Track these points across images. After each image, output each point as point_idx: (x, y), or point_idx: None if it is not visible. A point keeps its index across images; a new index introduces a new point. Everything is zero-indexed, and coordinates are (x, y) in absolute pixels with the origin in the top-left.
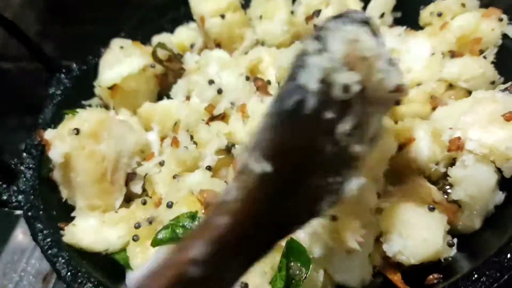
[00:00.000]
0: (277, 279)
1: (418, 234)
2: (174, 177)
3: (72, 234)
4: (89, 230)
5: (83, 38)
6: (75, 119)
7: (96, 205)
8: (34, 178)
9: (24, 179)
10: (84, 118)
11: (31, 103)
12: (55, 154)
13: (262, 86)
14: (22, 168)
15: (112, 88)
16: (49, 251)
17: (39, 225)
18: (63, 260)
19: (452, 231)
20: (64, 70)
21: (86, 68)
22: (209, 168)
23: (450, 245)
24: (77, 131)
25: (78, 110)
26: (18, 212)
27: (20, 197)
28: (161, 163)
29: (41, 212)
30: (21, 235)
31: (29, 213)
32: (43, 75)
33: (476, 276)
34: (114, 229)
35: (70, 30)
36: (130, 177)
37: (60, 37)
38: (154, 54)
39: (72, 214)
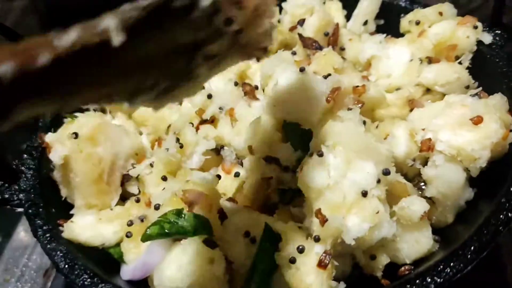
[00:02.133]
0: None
1: (409, 236)
2: (162, 178)
3: (70, 230)
4: (87, 226)
5: None
6: (74, 124)
7: (93, 204)
8: (34, 177)
9: (25, 178)
10: (82, 122)
11: None
12: (55, 156)
13: (249, 91)
14: (23, 168)
15: None
16: (48, 246)
17: (39, 221)
18: (61, 254)
19: None
20: None
21: None
22: None
23: (436, 241)
24: (76, 135)
25: (77, 114)
26: (20, 209)
27: (21, 195)
28: (151, 165)
29: (41, 210)
30: (23, 232)
31: (30, 211)
32: None
33: (441, 267)
34: (109, 226)
35: None
36: (126, 178)
37: None
38: None
39: (71, 212)
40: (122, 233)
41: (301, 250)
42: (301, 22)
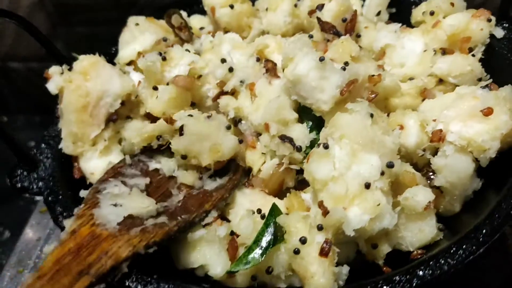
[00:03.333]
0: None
1: (413, 225)
2: (154, 88)
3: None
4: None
5: (91, 39)
6: (77, 61)
7: (73, 132)
8: (52, 166)
9: (44, 167)
10: (81, 59)
11: (40, 103)
12: (51, 86)
13: (271, 68)
14: (41, 157)
15: (129, 64)
16: None
17: (59, 208)
18: None
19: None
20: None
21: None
22: None
23: (441, 230)
24: (70, 68)
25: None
26: (38, 198)
27: (40, 183)
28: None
29: (60, 197)
30: (35, 224)
31: (49, 198)
32: None
33: (454, 249)
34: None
35: (79, 31)
36: (111, 115)
37: (69, 38)
38: (168, 18)
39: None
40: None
41: (303, 241)
42: (320, 7)
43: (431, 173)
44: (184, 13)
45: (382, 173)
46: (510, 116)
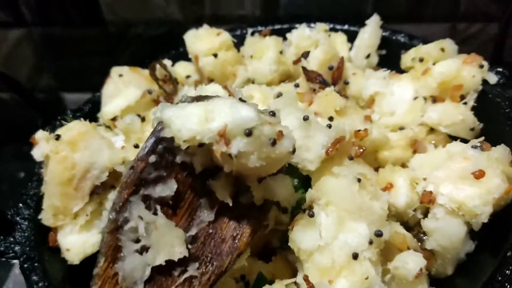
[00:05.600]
0: None
1: None
2: (135, 146)
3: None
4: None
5: (80, 71)
6: (64, 127)
7: (55, 205)
8: (30, 229)
9: (20, 230)
10: (70, 127)
11: (29, 133)
12: (37, 153)
13: None
14: (18, 218)
15: (113, 119)
16: None
17: (34, 277)
18: None
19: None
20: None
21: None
22: None
23: None
24: (58, 137)
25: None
26: (15, 261)
27: (16, 248)
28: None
29: (36, 264)
30: (12, 284)
31: (25, 265)
32: (39, 122)
33: None
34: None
35: (67, 63)
36: (96, 188)
37: (57, 70)
38: (152, 70)
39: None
40: None
41: None
42: (306, 54)
43: (422, 234)
44: (168, 63)
45: (371, 242)
46: (502, 179)
